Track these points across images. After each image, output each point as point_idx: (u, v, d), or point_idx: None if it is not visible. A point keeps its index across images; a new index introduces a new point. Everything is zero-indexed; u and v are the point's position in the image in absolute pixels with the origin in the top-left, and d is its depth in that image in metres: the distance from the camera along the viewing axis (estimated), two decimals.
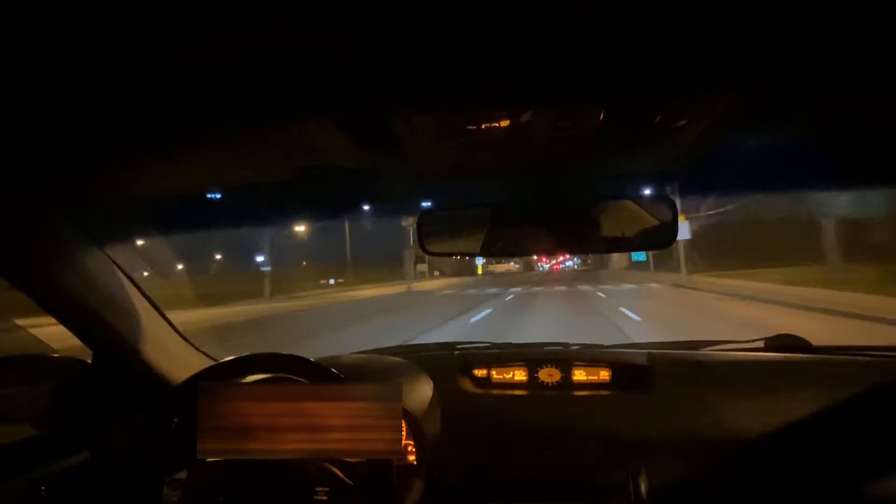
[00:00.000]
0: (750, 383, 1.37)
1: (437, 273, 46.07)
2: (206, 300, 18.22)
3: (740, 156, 1.18)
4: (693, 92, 0.86)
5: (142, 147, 0.94)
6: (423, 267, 37.18)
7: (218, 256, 43.50)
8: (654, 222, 1.16)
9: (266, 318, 14.00)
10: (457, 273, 46.44)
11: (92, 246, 1.09)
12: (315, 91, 0.76)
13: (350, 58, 0.68)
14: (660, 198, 1.16)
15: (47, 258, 1.00)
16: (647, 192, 1.29)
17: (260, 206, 1.48)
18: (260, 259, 27.82)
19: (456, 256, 1.28)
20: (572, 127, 0.96)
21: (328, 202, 1.55)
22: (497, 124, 0.94)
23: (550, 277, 36.63)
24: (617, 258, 44.00)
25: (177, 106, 0.78)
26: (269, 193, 1.32)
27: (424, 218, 1.22)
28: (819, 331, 7.03)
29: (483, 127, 0.95)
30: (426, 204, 1.32)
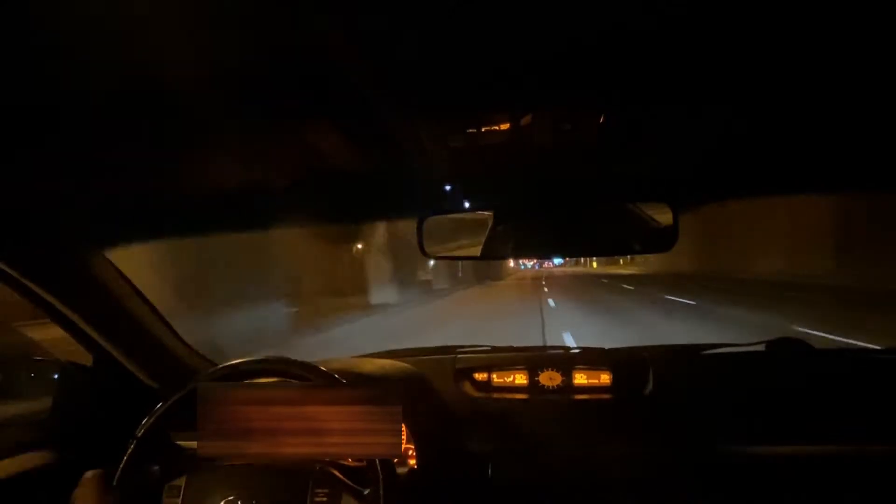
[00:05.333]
0: (751, 386, 1.37)
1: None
2: None
3: (741, 158, 1.18)
4: (693, 93, 0.86)
5: (143, 149, 0.94)
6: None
7: None
8: (656, 225, 1.16)
9: None
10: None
11: (92, 249, 1.09)
12: (317, 94, 0.76)
13: (352, 60, 0.68)
14: (660, 201, 1.16)
15: (47, 261, 1.00)
16: (647, 195, 1.29)
17: (259, 209, 1.48)
18: None
19: (457, 260, 1.28)
20: (573, 130, 0.96)
21: (329, 205, 1.55)
22: (497, 127, 0.94)
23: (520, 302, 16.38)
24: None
25: (178, 107, 0.78)
26: (268, 196, 1.32)
27: (425, 221, 1.21)
28: None
29: (483, 130, 0.95)
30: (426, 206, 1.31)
